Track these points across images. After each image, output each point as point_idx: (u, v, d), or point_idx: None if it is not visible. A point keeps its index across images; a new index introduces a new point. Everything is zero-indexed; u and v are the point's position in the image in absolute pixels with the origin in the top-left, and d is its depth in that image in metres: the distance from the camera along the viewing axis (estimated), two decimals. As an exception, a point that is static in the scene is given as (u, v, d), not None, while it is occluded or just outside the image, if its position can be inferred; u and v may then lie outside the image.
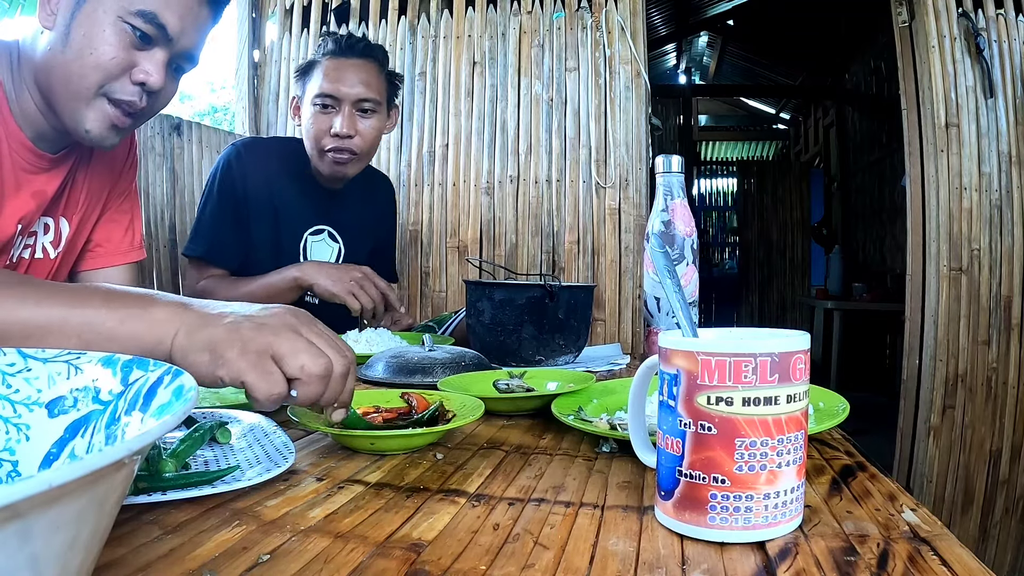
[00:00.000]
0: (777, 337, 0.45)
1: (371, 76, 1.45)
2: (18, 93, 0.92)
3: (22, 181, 0.94)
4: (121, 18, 0.86)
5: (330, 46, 1.45)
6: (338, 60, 1.43)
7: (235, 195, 1.46)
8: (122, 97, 0.89)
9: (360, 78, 1.43)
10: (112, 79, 0.88)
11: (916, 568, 0.38)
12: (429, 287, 2.46)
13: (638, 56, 2.33)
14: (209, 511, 0.47)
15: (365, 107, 1.45)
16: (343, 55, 1.44)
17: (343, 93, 1.42)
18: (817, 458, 0.61)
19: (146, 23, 0.87)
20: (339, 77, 1.42)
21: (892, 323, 4.34)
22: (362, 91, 1.43)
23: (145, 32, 0.87)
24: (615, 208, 2.34)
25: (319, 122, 1.43)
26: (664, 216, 1.01)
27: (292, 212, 1.51)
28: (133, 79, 0.89)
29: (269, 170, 1.49)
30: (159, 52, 0.90)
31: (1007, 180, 2.15)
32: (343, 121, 1.42)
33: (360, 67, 1.44)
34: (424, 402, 0.71)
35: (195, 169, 2.23)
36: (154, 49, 0.90)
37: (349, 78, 1.42)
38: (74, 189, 1.05)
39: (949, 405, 2.16)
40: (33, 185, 0.96)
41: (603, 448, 0.64)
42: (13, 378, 0.43)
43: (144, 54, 0.89)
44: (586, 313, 1.16)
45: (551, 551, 0.41)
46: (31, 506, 0.21)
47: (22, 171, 0.94)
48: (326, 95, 1.42)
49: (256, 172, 1.48)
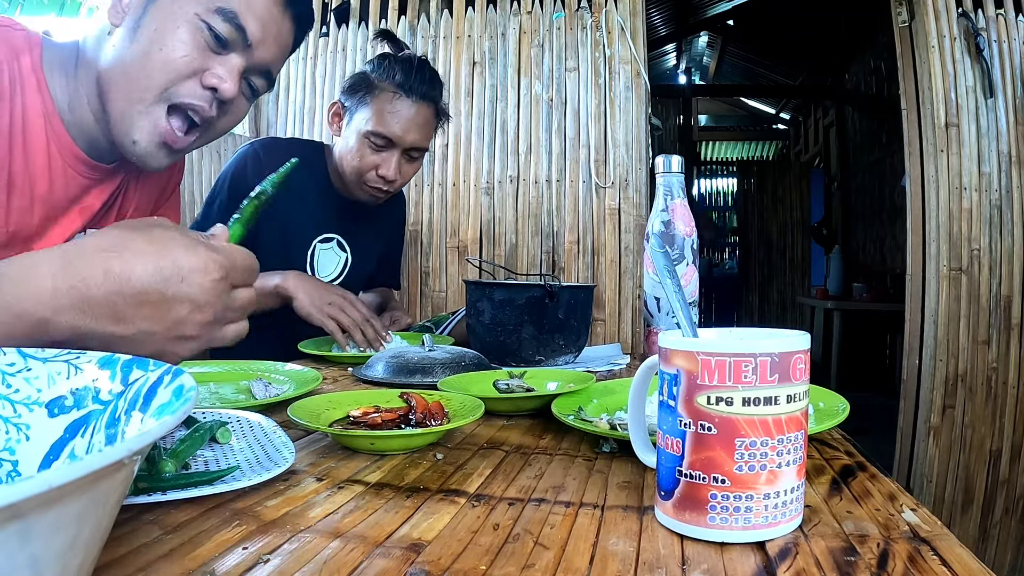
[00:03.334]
0: (777, 337, 0.45)
1: (427, 121, 1.42)
2: (73, 100, 0.84)
3: (73, 196, 0.87)
4: (199, 15, 0.79)
5: (398, 78, 1.38)
6: (401, 100, 1.38)
7: (246, 195, 1.44)
8: (190, 101, 0.81)
9: (418, 123, 1.39)
10: (179, 81, 0.80)
11: (916, 568, 0.38)
12: (429, 287, 2.46)
13: (638, 56, 2.33)
14: (209, 511, 0.47)
15: (414, 154, 1.43)
16: (408, 95, 1.38)
17: (400, 140, 1.38)
18: (817, 458, 0.61)
19: (225, 23, 0.80)
20: (399, 122, 1.37)
21: (892, 323, 4.34)
22: (418, 139, 1.40)
23: (223, 33, 0.80)
24: (615, 208, 2.34)
25: (367, 157, 1.39)
26: (664, 216, 1.01)
27: (303, 218, 1.47)
28: (204, 83, 0.81)
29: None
30: (235, 58, 0.82)
31: (1007, 180, 2.15)
32: (392, 166, 1.39)
33: (420, 111, 1.40)
34: (423, 402, 0.71)
35: (195, 169, 2.23)
36: (231, 54, 0.82)
37: (408, 124, 1.38)
38: (125, 200, 0.98)
39: (949, 405, 2.16)
40: (83, 200, 0.89)
41: (603, 448, 0.64)
42: (13, 378, 0.43)
43: (219, 58, 0.82)
44: (586, 313, 1.16)
45: (551, 551, 0.41)
46: (31, 506, 0.21)
47: (75, 186, 0.87)
48: (381, 135, 1.38)
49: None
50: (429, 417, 0.67)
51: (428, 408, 0.69)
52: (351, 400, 0.74)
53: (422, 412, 0.68)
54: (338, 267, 1.56)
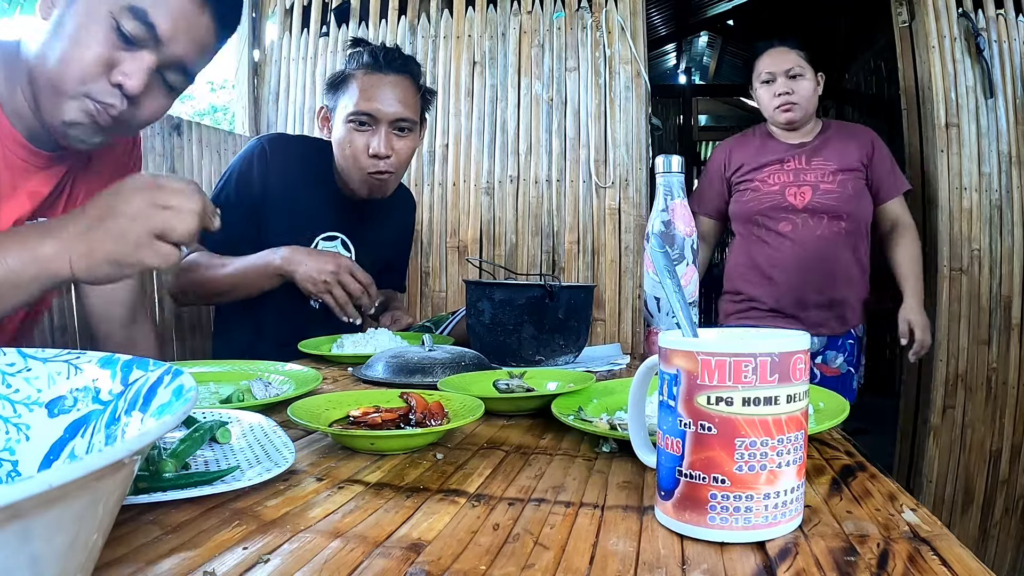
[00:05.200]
0: (777, 337, 0.45)
1: (408, 94, 1.41)
2: (11, 91, 0.89)
3: (18, 181, 0.91)
4: (112, 13, 0.81)
5: (366, 59, 1.39)
6: (375, 76, 1.38)
7: (251, 189, 1.43)
8: (99, 98, 0.84)
9: (397, 96, 1.39)
10: (91, 78, 0.83)
11: (916, 568, 0.38)
12: (429, 287, 2.46)
13: (638, 56, 2.33)
14: (209, 511, 0.47)
15: (402, 126, 1.41)
16: (380, 71, 1.38)
17: (381, 113, 1.38)
18: (817, 458, 0.61)
19: (135, 20, 0.82)
20: (376, 95, 1.37)
21: (892, 323, 4.33)
22: (400, 110, 1.39)
23: (131, 30, 0.82)
24: (615, 208, 2.34)
25: (355, 140, 1.39)
26: (664, 216, 1.01)
27: (308, 214, 1.47)
28: (111, 80, 0.84)
29: (292, 169, 1.45)
30: (146, 56, 0.84)
31: (1007, 180, 2.15)
32: (380, 141, 1.38)
33: (397, 84, 1.39)
34: (423, 402, 0.71)
35: (195, 169, 2.23)
36: (141, 51, 0.84)
37: (387, 97, 1.38)
38: (74, 189, 1.03)
39: (949, 405, 2.16)
40: (29, 185, 0.93)
41: (603, 448, 0.64)
42: (13, 378, 0.43)
43: (128, 55, 0.84)
44: (586, 313, 1.16)
45: (551, 551, 0.41)
46: (31, 506, 0.21)
47: (18, 170, 0.91)
48: (363, 113, 1.37)
49: (278, 170, 1.45)
50: (429, 417, 0.67)
51: (428, 408, 0.69)
52: (351, 400, 0.74)
53: (422, 412, 0.68)
54: None
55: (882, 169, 1.92)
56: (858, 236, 1.89)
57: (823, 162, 1.88)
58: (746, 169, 1.98)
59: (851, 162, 1.89)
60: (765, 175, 1.93)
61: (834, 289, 1.87)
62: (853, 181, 1.88)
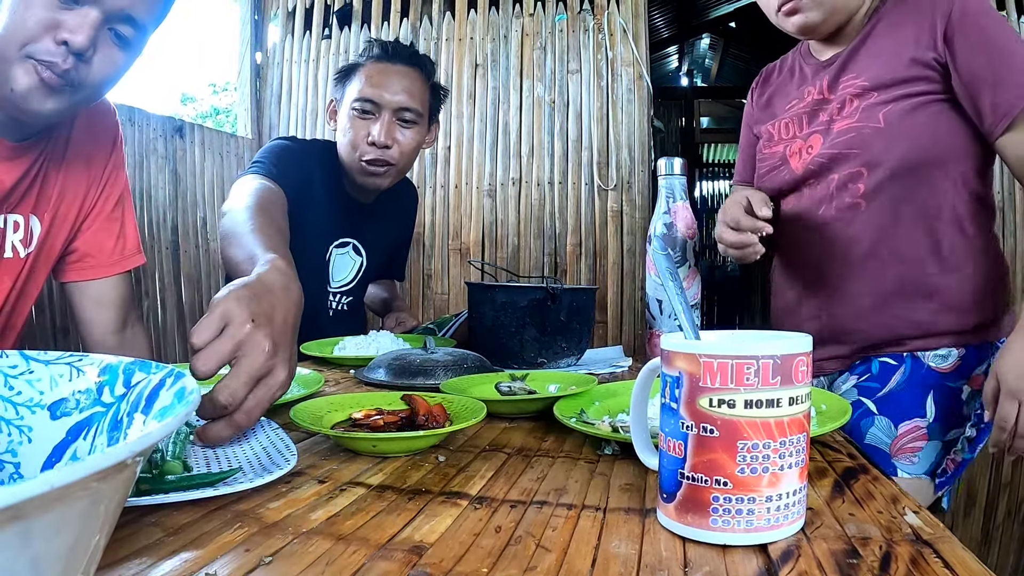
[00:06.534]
0: (779, 339, 0.45)
1: (415, 85, 1.39)
2: None
3: None
4: None
5: (375, 51, 1.39)
6: (382, 65, 1.37)
7: (290, 175, 1.32)
8: (44, 58, 0.83)
9: (403, 86, 1.37)
10: (33, 39, 0.82)
11: (918, 571, 0.38)
12: (431, 289, 2.46)
13: (640, 58, 2.34)
14: (211, 513, 0.47)
15: (406, 117, 1.38)
16: (388, 60, 1.38)
17: (384, 99, 1.36)
18: (819, 460, 0.61)
19: None
20: (381, 82, 1.36)
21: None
22: (404, 99, 1.37)
23: None
24: (617, 210, 2.34)
25: (357, 127, 1.37)
26: (666, 218, 1.01)
27: (321, 223, 1.43)
28: (56, 38, 0.83)
29: (305, 175, 1.40)
30: (90, 11, 0.83)
31: (1008, 181, 2.15)
32: (381, 129, 1.35)
33: (404, 74, 1.38)
34: (425, 404, 0.71)
35: (197, 171, 2.23)
36: (83, 7, 0.83)
37: (392, 84, 1.36)
38: (45, 185, 1.00)
39: (952, 407, 2.15)
40: None
41: (605, 450, 0.64)
42: (15, 380, 0.43)
43: (71, 13, 0.83)
44: (588, 315, 1.16)
45: (553, 553, 0.41)
46: (33, 507, 0.21)
47: None
48: (366, 99, 1.36)
49: (295, 175, 1.37)
50: (431, 419, 0.67)
51: (430, 410, 0.69)
52: (353, 402, 0.74)
53: (424, 414, 0.68)
54: (353, 271, 1.53)
55: (977, 62, 0.92)
56: (928, 208, 0.99)
57: (852, 78, 1.03)
58: (763, 117, 1.24)
59: (897, 66, 0.98)
60: (773, 125, 1.18)
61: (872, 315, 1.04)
62: (899, 103, 0.97)
